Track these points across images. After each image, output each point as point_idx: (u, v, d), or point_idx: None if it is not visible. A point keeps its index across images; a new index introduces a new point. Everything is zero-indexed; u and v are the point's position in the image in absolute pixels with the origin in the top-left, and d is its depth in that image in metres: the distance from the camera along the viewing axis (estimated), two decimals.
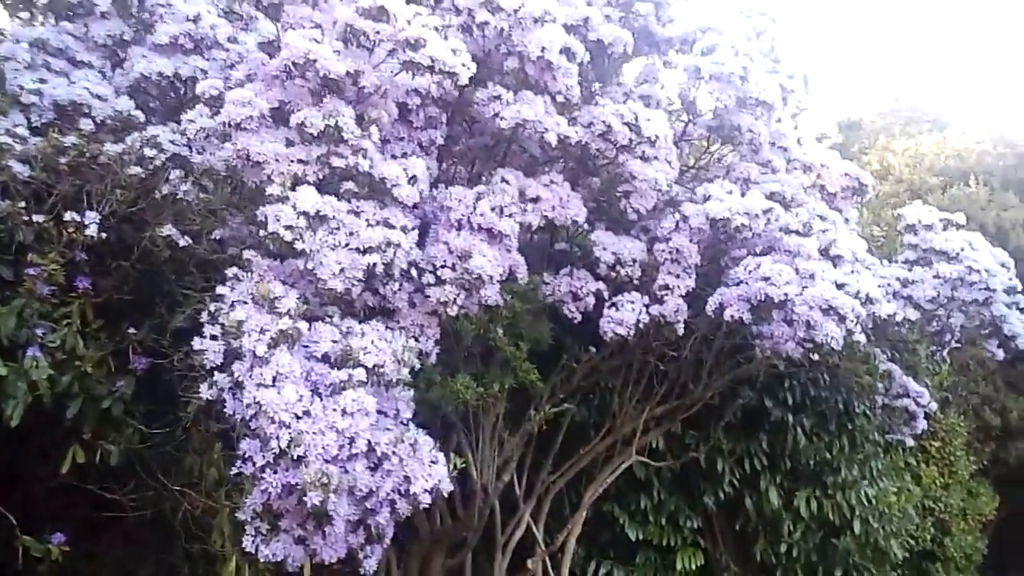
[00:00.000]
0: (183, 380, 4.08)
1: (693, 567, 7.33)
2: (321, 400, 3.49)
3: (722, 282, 5.19)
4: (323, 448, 3.36)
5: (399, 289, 4.21)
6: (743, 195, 5.25)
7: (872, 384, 6.60)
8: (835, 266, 5.20)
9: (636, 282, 5.18)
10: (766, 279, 4.77)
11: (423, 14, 4.35)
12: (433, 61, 4.06)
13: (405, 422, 3.95)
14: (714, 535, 7.65)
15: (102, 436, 4.58)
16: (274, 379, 3.40)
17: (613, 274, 5.11)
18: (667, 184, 5.01)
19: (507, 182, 4.61)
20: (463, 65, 4.18)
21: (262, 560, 3.65)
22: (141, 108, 4.69)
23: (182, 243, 4.20)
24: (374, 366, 3.64)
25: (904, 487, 7.96)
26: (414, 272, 4.19)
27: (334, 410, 3.44)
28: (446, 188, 4.67)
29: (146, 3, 4.98)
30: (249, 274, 3.82)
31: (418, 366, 4.06)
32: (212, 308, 3.74)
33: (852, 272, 5.20)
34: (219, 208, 4.27)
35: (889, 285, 5.75)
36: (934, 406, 6.82)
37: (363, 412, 3.48)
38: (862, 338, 5.06)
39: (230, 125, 3.85)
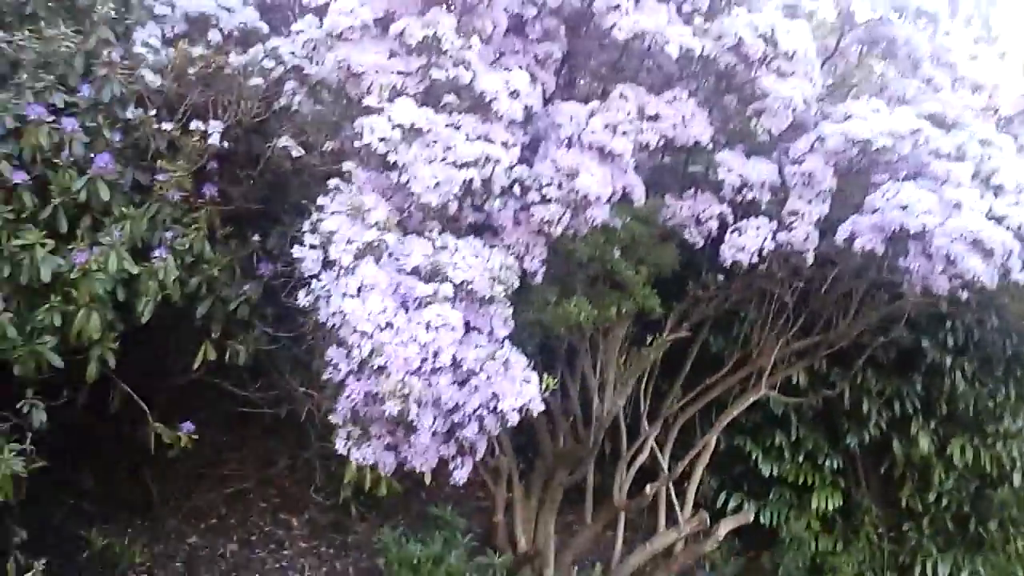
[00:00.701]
0: (290, 287, 4.23)
1: (831, 507, 7.04)
2: (407, 313, 3.51)
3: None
4: (404, 360, 3.38)
5: (504, 207, 4.13)
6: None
7: None
8: (996, 196, 4.67)
9: (764, 207, 4.84)
10: (903, 207, 4.32)
11: None
12: None
13: (500, 340, 3.92)
14: (856, 477, 7.28)
15: (231, 336, 4.85)
16: (359, 290, 3.45)
17: (739, 198, 4.78)
18: (803, 102, 4.61)
19: (625, 98, 4.38)
20: None
21: (353, 462, 3.77)
22: (266, 20, 4.77)
23: (295, 154, 4.28)
24: (462, 282, 3.62)
25: None
26: (517, 189, 4.09)
27: (418, 324, 3.45)
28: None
29: None
30: (349, 185, 3.86)
31: (517, 285, 4.00)
32: (313, 218, 3.81)
33: (1016, 204, 4.65)
34: (331, 120, 4.31)
35: None
36: None
37: (448, 327, 3.47)
38: (1022, 277, 4.54)
39: (334, 36, 3.84)
